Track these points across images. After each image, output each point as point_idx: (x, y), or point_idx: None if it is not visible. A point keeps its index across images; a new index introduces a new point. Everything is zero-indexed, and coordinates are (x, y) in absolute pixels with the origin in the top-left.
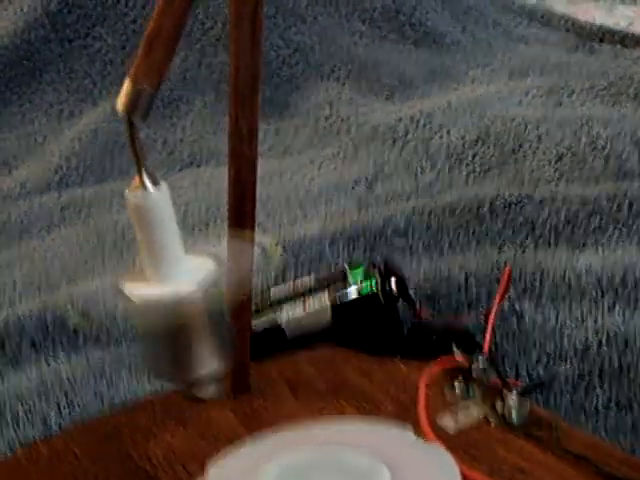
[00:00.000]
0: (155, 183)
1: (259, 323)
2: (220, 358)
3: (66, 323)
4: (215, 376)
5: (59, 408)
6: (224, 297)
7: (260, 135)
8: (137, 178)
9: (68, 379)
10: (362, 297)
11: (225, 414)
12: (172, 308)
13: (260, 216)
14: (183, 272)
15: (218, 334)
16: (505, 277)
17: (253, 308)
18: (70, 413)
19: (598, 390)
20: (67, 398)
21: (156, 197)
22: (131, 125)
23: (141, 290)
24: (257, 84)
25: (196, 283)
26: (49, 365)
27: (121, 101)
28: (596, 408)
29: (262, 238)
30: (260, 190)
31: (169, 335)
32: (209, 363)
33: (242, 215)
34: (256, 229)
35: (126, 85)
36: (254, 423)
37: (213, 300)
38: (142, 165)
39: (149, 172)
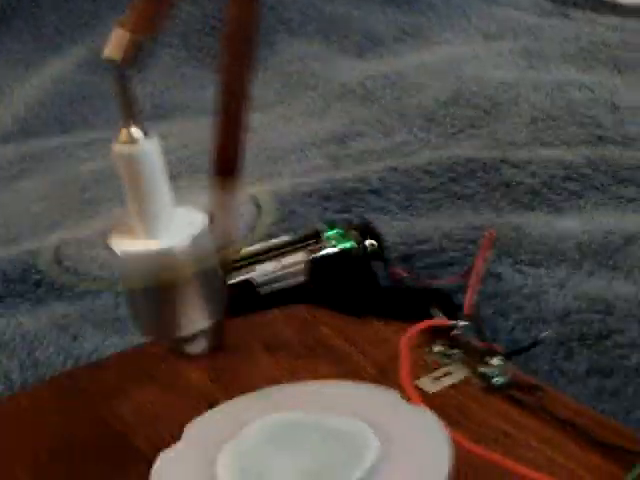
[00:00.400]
0: (145, 134)
1: (232, 280)
2: (210, 314)
3: (29, 276)
4: (205, 331)
5: (22, 363)
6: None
7: None
8: (124, 129)
9: (31, 334)
10: (339, 254)
11: (197, 371)
12: (162, 262)
13: None
14: (175, 227)
15: (209, 289)
16: (487, 241)
17: None
18: (34, 369)
19: (579, 356)
20: (30, 353)
21: (148, 148)
22: (123, 75)
23: (131, 245)
24: (253, 33)
25: (188, 237)
26: (11, 319)
27: (115, 50)
28: (577, 374)
29: (256, 192)
30: None
31: (159, 290)
32: (199, 319)
33: (228, 170)
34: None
35: (123, 35)
36: (227, 381)
37: (205, 255)
38: (133, 115)
39: (139, 123)
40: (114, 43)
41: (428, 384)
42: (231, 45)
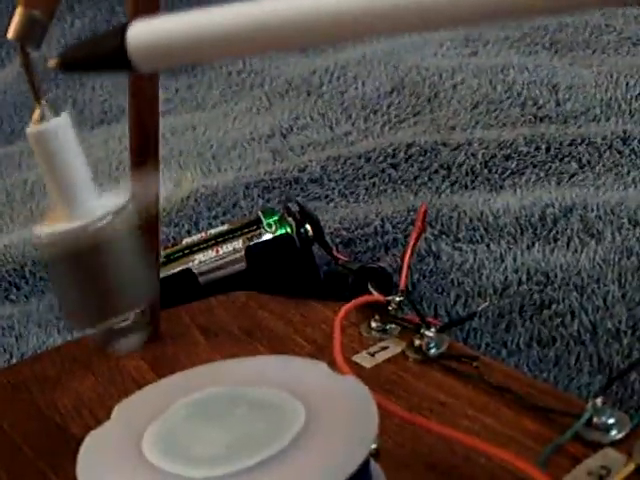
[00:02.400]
0: (56, 113)
1: (171, 270)
2: (139, 298)
3: None
4: (135, 323)
5: None
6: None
7: (171, 90)
8: (36, 109)
9: None
10: (277, 240)
11: (134, 360)
12: (83, 242)
13: (173, 169)
14: (95, 207)
15: (135, 271)
16: (420, 215)
17: (164, 257)
18: None
19: (519, 327)
20: None
21: (57, 125)
22: (24, 53)
23: (50, 228)
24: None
25: (109, 215)
26: None
27: (13, 29)
28: (518, 345)
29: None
30: (172, 144)
31: (83, 274)
32: (128, 304)
33: (145, 155)
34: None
35: (18, 12)
36: (165, 368)
37: (128, 233)
38: (39, 94)
39: (48, 102)
40: (13, 22)
41: (365, 359)
42: None
